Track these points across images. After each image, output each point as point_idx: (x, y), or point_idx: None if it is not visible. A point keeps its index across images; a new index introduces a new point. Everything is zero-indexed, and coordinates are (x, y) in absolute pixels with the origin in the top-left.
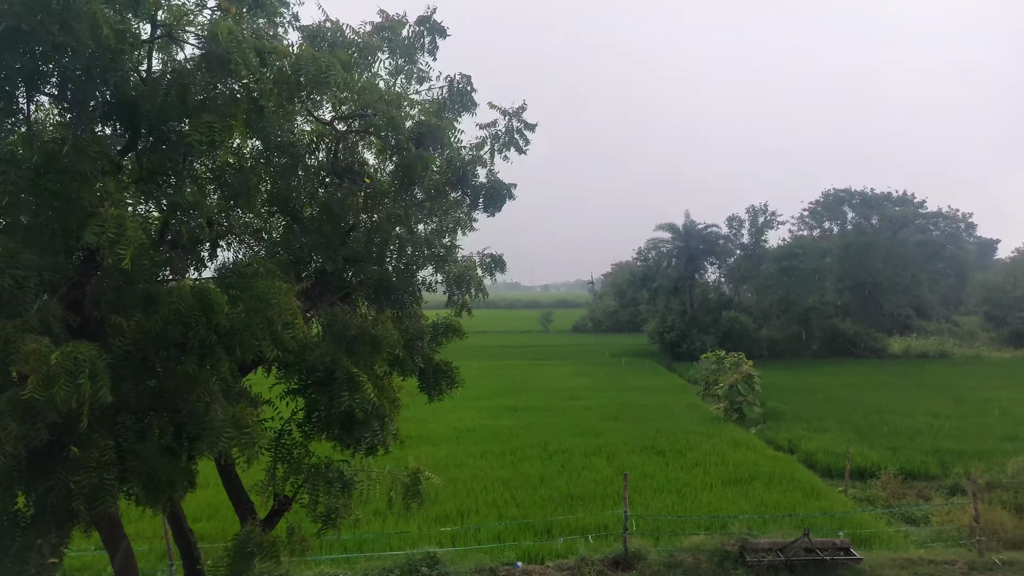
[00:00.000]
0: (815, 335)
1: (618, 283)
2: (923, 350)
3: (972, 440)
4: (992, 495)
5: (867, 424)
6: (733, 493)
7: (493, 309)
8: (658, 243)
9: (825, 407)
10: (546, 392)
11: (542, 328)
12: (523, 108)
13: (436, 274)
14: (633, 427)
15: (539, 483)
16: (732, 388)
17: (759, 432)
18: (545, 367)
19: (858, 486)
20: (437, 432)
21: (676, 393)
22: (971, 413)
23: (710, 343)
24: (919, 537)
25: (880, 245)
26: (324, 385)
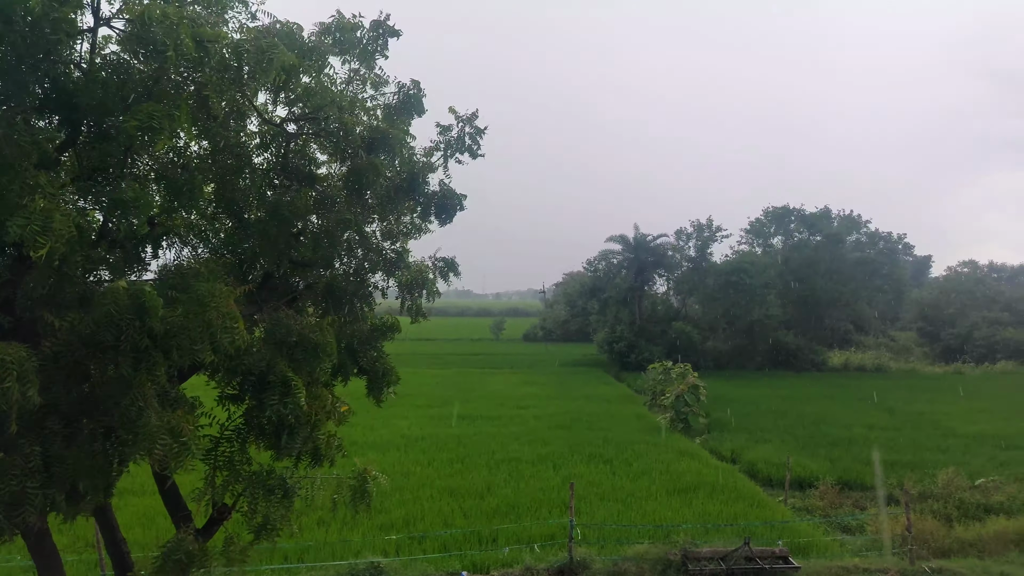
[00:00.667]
0: (759, 348)
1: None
2: (861, 364)
3: (905, 451)
4: (923, 505)
5: (807, 435)
6: (677, 502)
7: (444, 317)
8: (608, 254)
9: (767, 418)
10: (495, 400)
11: (493, 336)
12: (475, 115)
13: (387, 279)
14: (581, 436)
15: (486, 492)
16: (678, 398)
17: (704, 442)
18: (495, 375)
19: (797, 496)
20: (385, 439)
21: (624, 403)
22: (905, 425)
23: (658, 354)
24: (854, 546)
25: (821, 261)
26: (259, 390)
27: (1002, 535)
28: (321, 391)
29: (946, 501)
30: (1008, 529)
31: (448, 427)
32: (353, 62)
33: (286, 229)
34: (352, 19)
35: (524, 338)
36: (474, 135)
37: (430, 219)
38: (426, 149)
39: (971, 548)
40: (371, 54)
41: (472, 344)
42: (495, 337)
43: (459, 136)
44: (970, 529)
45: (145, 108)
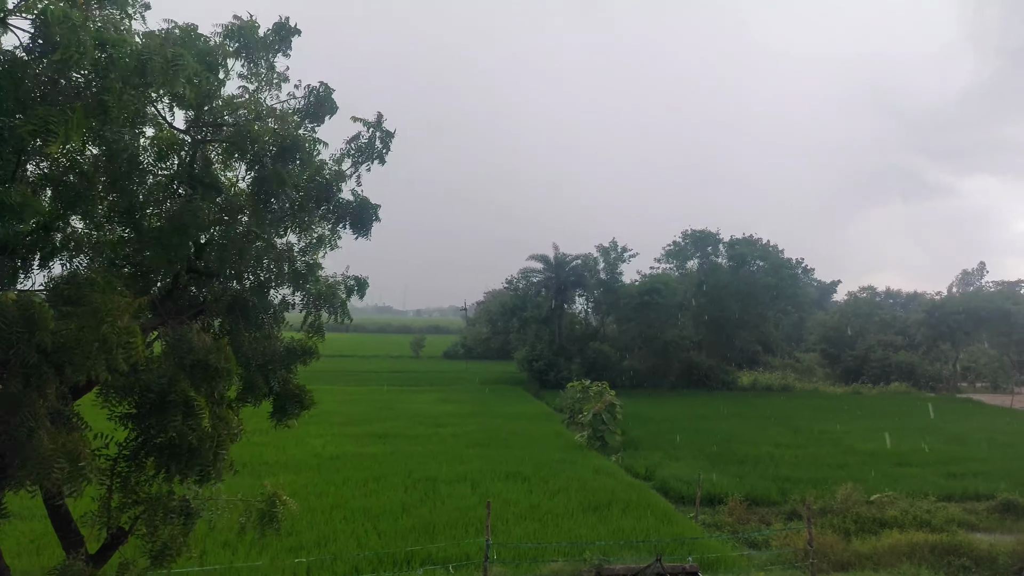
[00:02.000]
0: (673, 367)
1: (491, 311)
2: (768, 383)
3: (808, 468)
4: (824, 520)
5: (717, 452)
6: (593, 519)
7: (362, 333)
8: (529, 273)
9: (680, 436)
10: (413, 419)
11: (413, 353)
12: (382, 119)
13: (295, 293)
14: (499, 454)
15: (402, 512)
16: (596, 416)
17: (619, 459)
18: (414, 393)
19: (707, 512)
20: (298, 459)
21: (543, 421)
22: (808, 443)
23: (577, 372)
24: (760, 560)
25: (734, 284)
26: (158, 410)
27: (895, 548)
28: (226, 412)
29: (845, 516)
30: (901, 542)
31: (364, 446)
32: (258, 65)
33: (187, 239)
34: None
35: (445, 355)
36: (384, 139)
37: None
38: (336, 157)
39: (867, 561)
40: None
41: (391, 361)
42: (415, 354)
43: (369, 142)
44: (867, 542)
45: (40, 112)
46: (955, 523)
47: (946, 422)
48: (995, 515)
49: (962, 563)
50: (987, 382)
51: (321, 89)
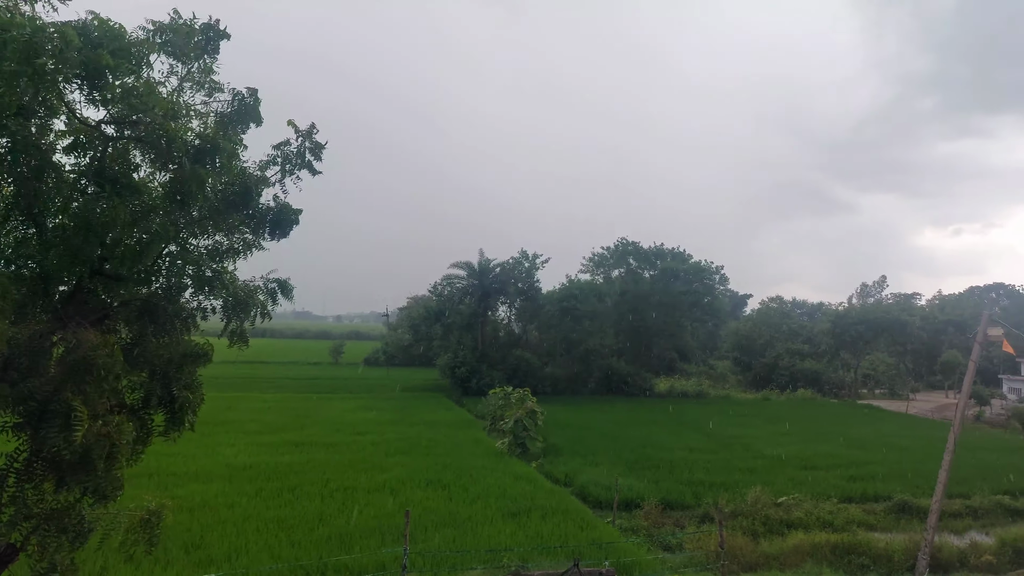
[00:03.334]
0: (594, 374)
1: (413, 317)
2: (684, 390)
3: (720, 472)
4: (735, 522)
5: (635, 458)
6: (512, 526)
7: (279, 339)
8: (453, 279)
9: (599, 442)
10: (332, 427)
11: (332, 360)
12: (314, 129)
13: (211, 298)
14: (420, 462)
15: (318, 522)
16: (517, 423)
17: (539, 466)
18: (332, 400)
19: (625, 516)
20: (207, 469)
21: (464, 428)
22: (720, 448)
23: (499, 379)
24: (674, 563)
25: (654, 294)
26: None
27: (800, 548)
28: (121, 420)
29: (754, 518)
30: (805, 542)
31: (280, 455)
32: (188, 65)
33: (94, 241)
34: (186, 22)
35: (365, 362)
36: (314, 150)
37: (263, 236)
38: (261, 162)
39: (774, 561)
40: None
41: (309, 368)
42: (334, 361)
43: (298, 151)
44: (774, 543)
45: None
46: (855, 523)
47: (848, 427)
48: (891, 515)
49: (861, 561)
50: (885, 389)
51: (248, 95)
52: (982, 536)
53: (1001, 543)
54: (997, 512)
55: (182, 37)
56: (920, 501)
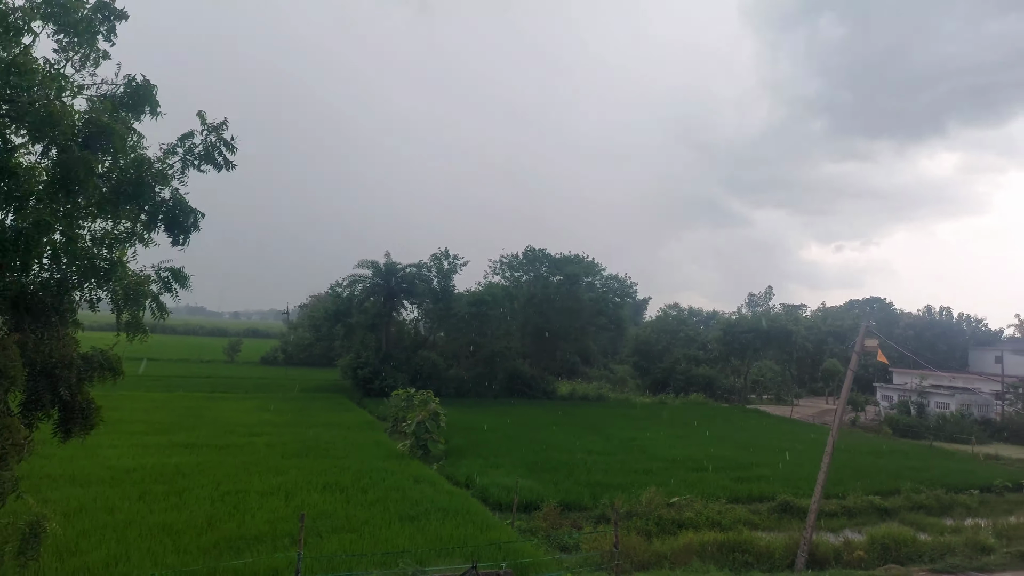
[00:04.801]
0: (499, 376)
1: (315, 316)
2: (585, 393)
3: (618, 474)
4: (630, 522)
5: (535, 460)
6: (411, 529)
7: (171, 335)
8: (358, 279)
9: (501, 444)
10: (225, 428)
11: (227, 358)
12: (224, 124)
13: (99, 290)
14: (317, 465)
15: (207, 527)
16: (419, 425)
17: (441, 468)
18: (226, 401)
19: (524, 518)
20: (87, 472)
21: (365, 430)
22: (618, 450)
23: (402, 381)
24: (570, 563)
25: (560, 299)
26: None
27: (689, 547)
28: (12, 422)
29: (647, 518)
30: (693, 541)
31: (168, 457)
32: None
33: None
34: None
35: (263, 361)
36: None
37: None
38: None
39: (665, 560)
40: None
41: (202, 366)
42: (230, 359)
43: (204, 145)
44: (666, 542)
45: None
46: (741, 523)
47: (737, 431)
48: (774, 515)
49: (744, 559)
50: (772, 394)
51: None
52: (855, 534)
53: (871, 540)
54: (869, 511)
55: (70, 10)
56: (801, 501)
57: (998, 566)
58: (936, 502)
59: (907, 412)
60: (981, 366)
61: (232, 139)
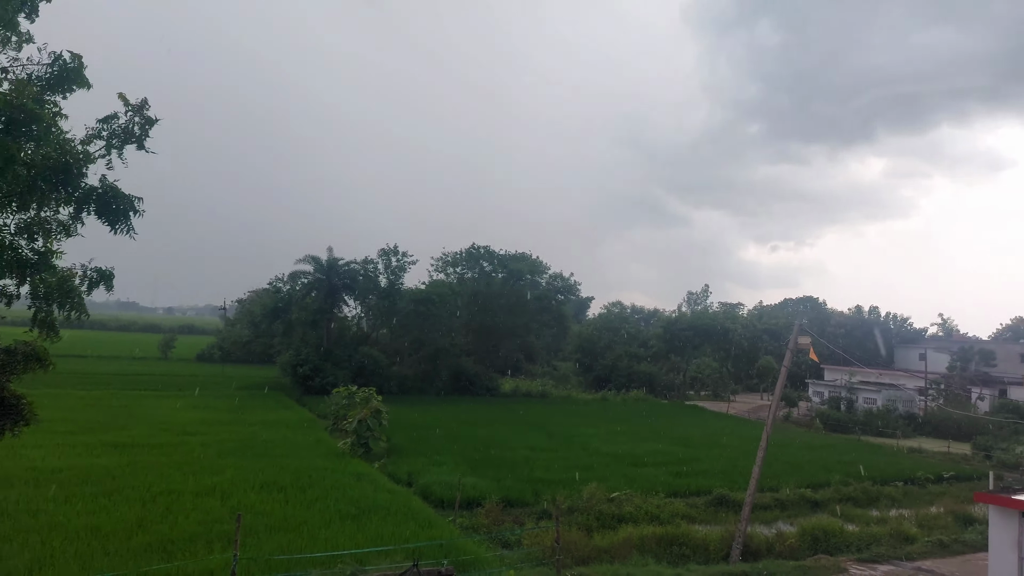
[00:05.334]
0: (442, 374)
1: (254, 312)
2: (528, 390)
3: (559, 470)
4: (571, 518)
5: (478, 457)
6: (351, 528)
7: (101, 331)
8: (299, 274)
9: (444, 441)
10: (158, 427)
11: (161, 355)
12: (146, 103)
13: (20, 285)
14: (255, 464)
15: (137, 529)
16: (361, 423)
17: (383, 466)
18: (159, 399)
19: (466, 515)
20: (9, 472)
21: (304, 428)
22: (560, 446)
23: (344, 378)
24: (512, 559)
25: (504, 296)
26: None
27: (628, 541)
28: None
29: (589, 513)
30: (633, 535)
31: (96, 457)
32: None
33: None
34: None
35: (199, 358)
36: (144, 125)
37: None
38: (85, 136)
39: (605, 554)
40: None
41: (134, 363)
42: (163, 356)
43: (127, 126)
44: (606, 537)
45: None
46: (679, 516)
47: (676, 426)
48: (711, 508)
49: (682, 552)
50: (710, 391)
51: (70, 58)
52: (787, 526)
53: (802, 531)
54: (800, 504)
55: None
56: (736, 495)
57: (920, 554)
58: (863, 494)
59: (837, 407)
60: (906, 363)
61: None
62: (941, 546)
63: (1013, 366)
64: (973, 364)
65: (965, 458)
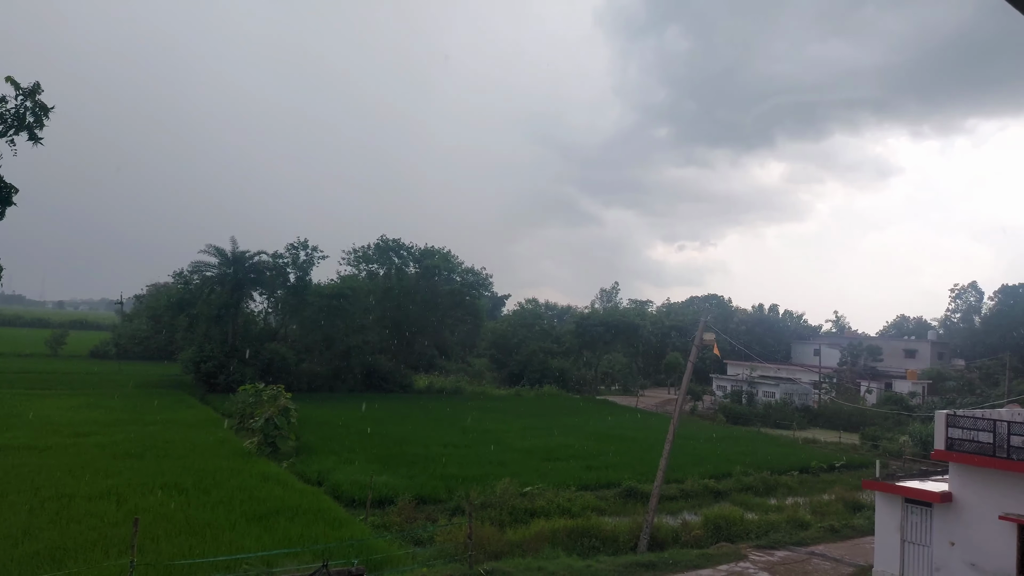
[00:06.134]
0: (355, 370)
1: (154, 306)
2: (443, 386)
3: (473, 466)
4: (484, 513)
5: (391, 454)
6: (258, 529)
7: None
8: (202, 267)
9: (356, 439)
10: (47, 427)
11: (50, 351)
12: (38, 88)
13: None
14: (154, 465)
15: (23, 537)
16: (268, 421)
17: (291, 465)
18: (49, 398)
19: (378, 513)
20: None
21: (208, 427)
22: (474, 442)
23: (251, 375)
24: (424, 556)
25: (418, 292)
26: None
27: (540, 534)
28: None
29: (501, 508)
30: (545, 529)
31: None
32: None
33: None
34: None
35: (92, 355)
36: (37, 111)
37: None
38: None
39: (518, 548)
40: None
41: (20, 360)
42: (53, 353)
43: (17, 112)
44: (518, 531)
45: None
46: (590, 509)
47: (587, 421)
48: (620, 500)
49: (592, 543)
50: (620, 386)
51: None
52: (692, 515)
53: (706, 521)
54: (704, 494)
55: None
56: (644, 486)
57: (813, 539)
58: (762, 483)
59: (739, 401)
60: (802, 358)
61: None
62: (832, 531)
63: (898, 361)
64: (862, 359)
65: (854, 447)
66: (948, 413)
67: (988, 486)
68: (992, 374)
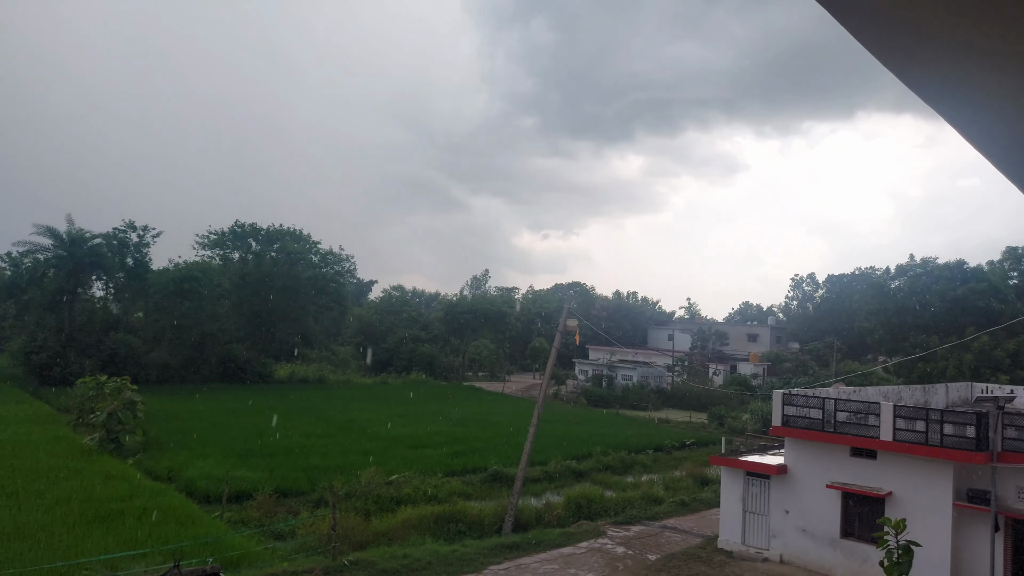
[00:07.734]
0: (209, 360)
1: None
2: (305, 375)
3: (337, 456)
4: (349, 503)
5: (249, 447)
6: (100, 531)
7: None
8: (34, 249)
9: (210, 433)
10: None
11: None
12: None
13: None
14: None
15: None
16: (111, 416)
17: (137, 463)
18: None
19: (235, 509)
20: None
21: (41, 424)
22: (338, 432)
23: (91, 367)
24: (285, 551)
25: (276, 277)
26: None
27: (407, 522)
28: None
29: (367, 498)
30: (412, 516)
31: None
32: None
33: None
34: None
35: None
36: None
37: None
38: None
39: (384, 537)
40: None
41: None
42: None
43: None
44: (384, 520)
45: None
46: (456, 494)
47: (454, 407)
48: (486, 485)
49: (458, 528)
50: (487, 372)
51: None
52: (555, 496)
53: (567, 500)
54: (567, 475)
55: None
56: (509, 470)
57: (665, 514)
58: (620, 463)
59: (599, 384)
60: (657, 343)
61: None
62: (683, 505)
63: (742, 345)
64: (711, 343)
65: (703, 426)
66: (784, 392)
67: (817, 458)
68: (823, 356)
